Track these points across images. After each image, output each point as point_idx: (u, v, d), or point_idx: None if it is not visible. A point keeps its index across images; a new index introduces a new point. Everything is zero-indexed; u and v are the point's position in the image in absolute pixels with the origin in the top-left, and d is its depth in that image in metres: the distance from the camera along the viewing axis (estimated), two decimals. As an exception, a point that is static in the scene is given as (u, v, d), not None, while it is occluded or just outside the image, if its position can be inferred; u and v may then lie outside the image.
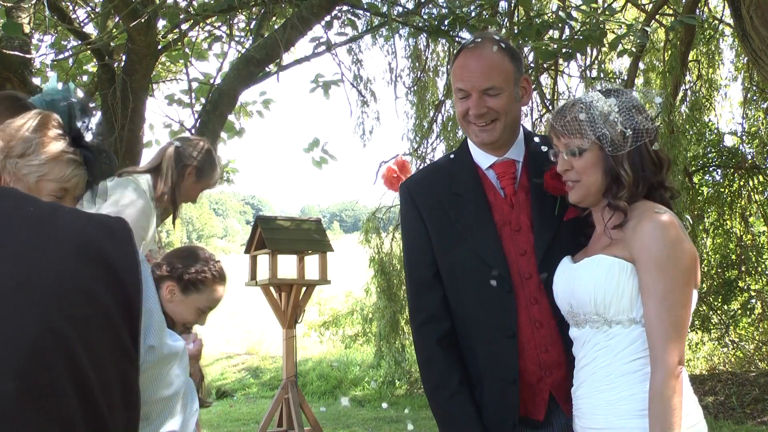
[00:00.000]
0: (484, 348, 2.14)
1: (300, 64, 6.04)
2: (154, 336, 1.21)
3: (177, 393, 1.26)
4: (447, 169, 2.29)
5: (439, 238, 2.20)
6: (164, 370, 1.23)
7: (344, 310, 15.31)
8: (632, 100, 1.98)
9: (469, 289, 2.16)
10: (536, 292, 2.11)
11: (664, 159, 2.01)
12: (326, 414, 10.08)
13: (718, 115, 11.08)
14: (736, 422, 7.95)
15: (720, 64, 10.45)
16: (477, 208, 2.17)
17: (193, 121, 5.88)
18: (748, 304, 10.60)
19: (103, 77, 5.21)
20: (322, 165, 6.79)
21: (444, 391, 2.15)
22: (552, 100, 9.47)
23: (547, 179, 2.12)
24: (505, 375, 2.10)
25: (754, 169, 10.17)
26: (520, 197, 2.18)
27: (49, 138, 1.90)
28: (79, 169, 1.93)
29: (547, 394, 2.10)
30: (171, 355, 1.25)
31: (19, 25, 4.07)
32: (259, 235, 6.87)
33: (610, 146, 1.93)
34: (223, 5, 5.43)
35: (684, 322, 1.84)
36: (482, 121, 2.15)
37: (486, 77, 2.11)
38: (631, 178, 1.94)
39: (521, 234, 2.15)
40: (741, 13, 5.09)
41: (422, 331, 2.21)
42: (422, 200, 2.25)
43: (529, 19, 7.00)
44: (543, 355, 2.09)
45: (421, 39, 8.91)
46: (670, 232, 1.86)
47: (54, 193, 1.91)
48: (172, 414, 1.26)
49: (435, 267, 2.20)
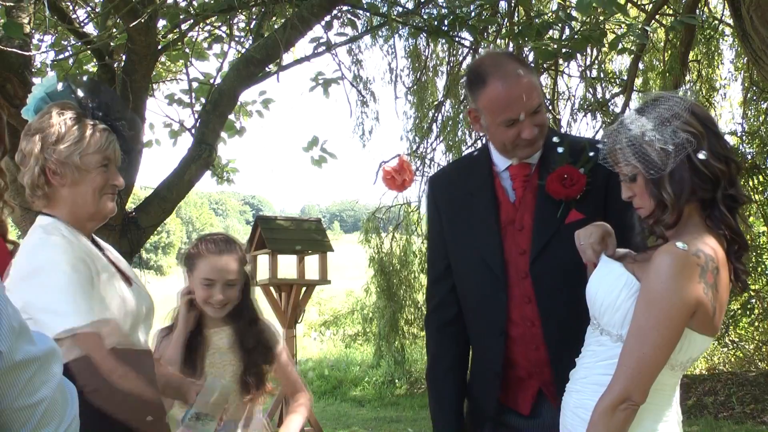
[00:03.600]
0: (477, 341, 2.29)
1: (300, 64, 6.03)
2: (2, 340, 1.10)
3: (43, 400, 1.16)
4: (466, 167, 2.38)
5: (450, 234, 2.31)
6: (21, 377, 1.13)
7: (344, 309, 15.32)
8: (669, 110, 1.81)
9: (470, 284, 2.26)
10: (530, 291, 2.16)
11: (718, 169, 1.79)
12: (326, 414, 10.09)
13: (718, 115, 11.08)
14: (736, 422, 7.94)
15: (720, 64, 10.46)
16: (485, 208, 2.23)
17: (193, 120, 5.89)
18: (747, 304, 10.59)
19: (103, 77, 5.21)
20: (322, 164, 6.79)
21: (431, 374, 2.37)
22: (552, 100, 9.47)
23: (549, 182, 2.14)
24: (491, 367, 2.21)
25: (754, 169, 10.16)
26: (528, 198, 2.21)
27: (74, 116, 1.98)
28: (112, 135, 2.03)
29: (536, 390, 2.18)
30: (28, 360, 1.14)
31: (20, 26, 4.07)
32: (259, 235, 6.87)
33: (652, 169, 1.79)
34: (223, 5, 5.43)
35: (652, 363, 1.73)
36: (534, 140, 2.15)
37: (531, 98, 2.10)
38: (673, 200, 1.80)
39: (523, 234, 2.18)
40: (741, 13, 5.09)
41: (430, 317, 2.41)
42: (441, 195, 2.37)
43: (529, 19, 7.00)
44: (533, 353, 2.16)
45: (420, 39, 8.90)
46: (675, 271, 1.72)
47: (100, 164, 1.99)
48: (42, 423, 1.16)
49: (447, 260, 2.32)
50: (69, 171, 1.96)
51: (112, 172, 2.02)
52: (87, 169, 1.97)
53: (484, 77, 2.13)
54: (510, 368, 2.20)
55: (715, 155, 1.80)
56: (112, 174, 2.02)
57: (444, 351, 2.32)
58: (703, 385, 9.22)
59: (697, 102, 1.93)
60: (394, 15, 6.09)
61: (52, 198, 1.99)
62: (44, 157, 1.94)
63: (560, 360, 2.09)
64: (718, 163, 1.80)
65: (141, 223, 4.86)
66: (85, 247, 1.97)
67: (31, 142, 1.96)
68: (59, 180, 1.97)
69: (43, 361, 1.18)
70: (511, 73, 2.11)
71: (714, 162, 1.79)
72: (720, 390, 8.96)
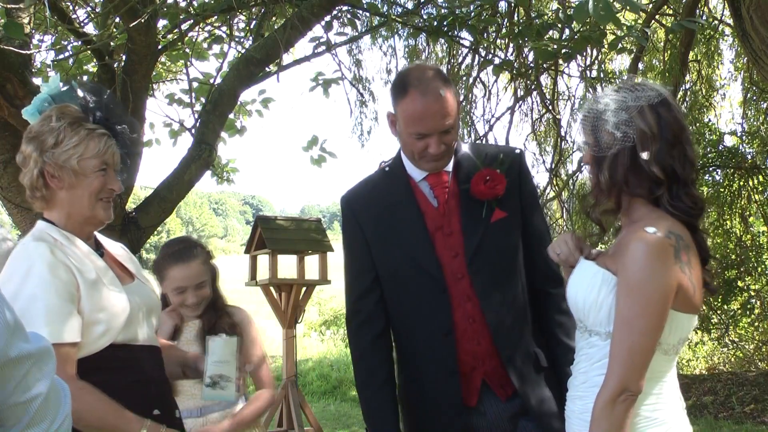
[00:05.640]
0: (423, 344, 2.34)
1: (300, 64, 6.04)
2: None
3: (36, 397, 1.17)
4: (383, 182, 2.44)
5: (378, 246, 2.37)
6: (16, 373, 1.14)
7: (344, 309, 15.30)
8: (636, 99, 1.81)
9: (408, 290, 2.34)
10: (469, 290, 2.28)
11: (655, 175, 1.79)
12: (326, 414, 10.09)
13: (717, 115, 11.10)
14: (736, 422, 7.95)
15: (720, 64, 10.47)
16: (410, 217, 2.33)
17: (193, 120, 5.89)
18: (747, 304, 10.60)
19: (103, 77, 5.21)
20: (321, 163, 6.79)
21: (368, 388, 2.37)
22: (552, 101, 9.48)
23: (473, 185, 2.27)
24: (445, 368, 2.29)
25: (753, 169, 10.16)
26: (451, 203, 2.32)
27: (74, 120, 2.00)
28: (111, 140, 2.04)
29: (479, 382, 2.30)
30: (22, 357, 1.15)
31: (20, 26, 4.07)
32: (259, 235, 6.87)
33: (597, 146, 1.84)
34: (223, 5, 5.44)
35: (642, 350, 1.74)
36: (439, 156, 2.26)
37: (445, 118, 2.21)
38: (608, 184, 1.83)
39: (453, 237, 2.30)
40: (741, 13, 5.10)
41: (359, 332, 2.42)
42: (361, 212, 2.42)
43: (529, 19, 7.00)
44: (476, 347, 2.29)
45: (420, 39, 8.91)
46: (651, 256, 1.73)
47: (98, 168, 2.01)
48: (35, 420, 1.17)
49: (374, 273, 2.38)
50: (66, 174, 1.98)
51: (110, 177, 2.04)
52: (84, 173, 1.99)
53: (407, 87, 2.22)
54: None
55: (659, 161, 1.79)
56: (110, 179, 2.04)
57: (379, 363, 2.37)
58: (703, 385, 9.22)
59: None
60: (394, 15, 6.10)
61: (50, 200, 2.02)
62: (43, 160, 1.96)
63: (503, 350, 2.27)
64: (657, 169, 1.79)
65: (141, 223, 4.86)
66: (74, 253, 1.97)
67: (31, 144, 1.99)
68: (57, 183, 1.99)
69: (37, 358, 1.19)
70: (432, 90, 2.18)
71: (653, 167, 1.79)
72: (720, 390, 8.96)
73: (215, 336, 2.40)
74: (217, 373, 2.20)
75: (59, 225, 2.01)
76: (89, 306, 1.93)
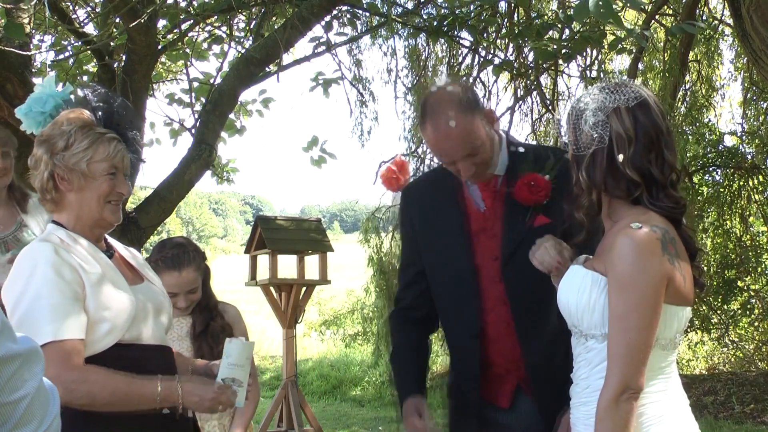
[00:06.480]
0: (453, 343, 2.42)
1: (300, 64, 6.04)
2: None
3: (23, 398, 1.16)
4: (434, 181, 2.48)
5: (423, 242, 2.43)
6: (2, 373, 1.14)
7: (344, 309, 15.30)
8: (614, 102, 1.80)
9: (445, 290, 2.39)
10: (503, 294, 2.29)
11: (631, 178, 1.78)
12: (326, 414, 10.09)
13: (717, 115, 11.10)
14: (736, 422, 7.95)
15: (720, 64, 10.47)
16: (454, 219, 2.35)
17: (193, 120, 5.90)
18: (747, 304, 10.59)
19: (103, 77, 5.22)
20: (321, 164, 6.80)
21: (395, 355, 2.49)
22: (552, 101, 9.48)
23: (516, 190, 2.25)
24: (469, 369, 2.33)
25: (753, 169, 10.16)
26: (497, 206, 2.33)
27: (84, 124, 2.03)
28: (121, 144, 2.07)
29: (513, 385, 2.32)
30: (10, 357, 1.15)
31: (21, 27, 4.07)
32: (259, 235, 6.86)
33: (575, 145, 1.83)
34: (223, 5, 5.44)
35: (640, 346, 1.72)
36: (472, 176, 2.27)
37: (461, 149, 2.17)
38: (586, 183, 1.83)
39: (495, 240, 2.31)
40: (741, 13, 5.10)
41: (398, 314, 2.54)
42: (414, 205, 2.48)
43: (529, 19, 7.00)
44: (510, 351, 2.30)
45: (420, 39, 8.91)
46: (639, 250, 1.72)
47: (107, 171, 2.03)
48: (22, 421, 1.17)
49: (418, 267, 2.45)
50: (76, 177, 2.01)
51: (120, 181, 2.06)
52: (93, 176, 2.01)
53: (424, 116, 2.22)
54: (489, 367, 2.33)
55: (634, 164, 1.78)
56: (119, 182, 2.06)
57: (407, 337, 2.47)
58: (703, 385, 9.23)
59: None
60: (394, 15, 6.10)
61: (60, 202, 2.05)
62: (53, 163, 1.99)
63: (534, 355, 2.26)
64: (632, 172, 1.78)
65: (141, 223, 4.86)
66: (79, 252, 1.99)
67: (42, 147, 2.02)
68: (66, 185, 2.02)
69: (25, 359, 1.19)
70: (442, 124, 2.16)
71: (628, 169, 1.78)
72: (720, 390, 8.96)
73: (234, 338, 2.39)
74: (230, 376, 2.19)
75: (68, 227, 2.04)
76: (94, 304, 1.95)
